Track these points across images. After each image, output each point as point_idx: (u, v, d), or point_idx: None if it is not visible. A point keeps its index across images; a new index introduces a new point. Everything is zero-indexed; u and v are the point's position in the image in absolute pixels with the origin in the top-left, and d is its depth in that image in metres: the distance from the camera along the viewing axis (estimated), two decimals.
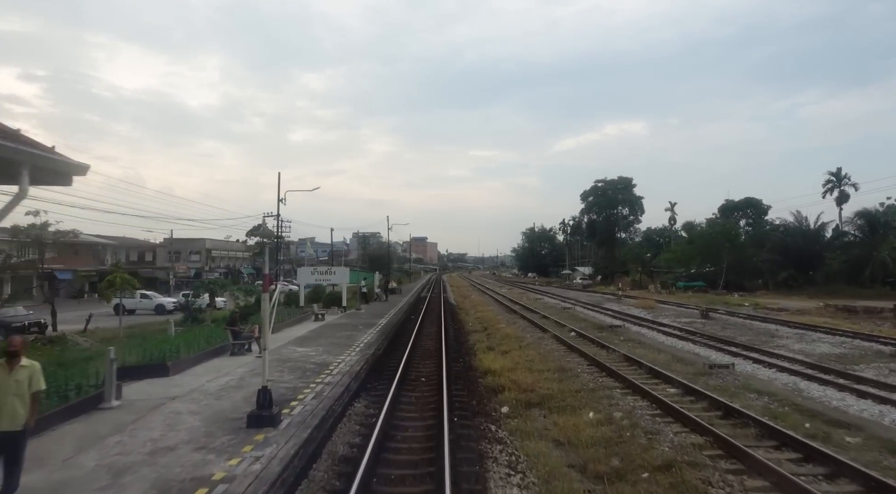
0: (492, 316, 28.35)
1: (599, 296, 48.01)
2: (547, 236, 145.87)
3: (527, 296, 46.99)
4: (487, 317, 28.62)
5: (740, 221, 62.49)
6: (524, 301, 40.59)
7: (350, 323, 24.17)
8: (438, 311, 32.08)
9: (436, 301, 42.08)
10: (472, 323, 26.21)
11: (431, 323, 26.56)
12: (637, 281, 72.27)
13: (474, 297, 46.96)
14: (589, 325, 24.23)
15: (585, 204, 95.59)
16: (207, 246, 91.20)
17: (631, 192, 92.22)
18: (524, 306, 34.92)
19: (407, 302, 38.07)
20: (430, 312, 32.30)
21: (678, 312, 30.99)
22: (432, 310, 33.71)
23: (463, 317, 29.84)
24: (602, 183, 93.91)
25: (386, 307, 33.27)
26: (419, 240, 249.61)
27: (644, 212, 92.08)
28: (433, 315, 30.63)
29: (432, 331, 22.81)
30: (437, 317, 28.44)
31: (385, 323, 23.76)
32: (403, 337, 20.87)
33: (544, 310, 31.79)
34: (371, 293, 37.80)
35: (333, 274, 31.79)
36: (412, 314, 31.03)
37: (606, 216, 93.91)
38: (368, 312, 29.31)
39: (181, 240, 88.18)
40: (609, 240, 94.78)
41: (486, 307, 36.51)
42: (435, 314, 31.03)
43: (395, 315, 28.21)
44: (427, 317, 28.91)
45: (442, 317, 27.05)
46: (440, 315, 29.01)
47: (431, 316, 30.05)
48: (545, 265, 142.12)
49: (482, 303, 39.32)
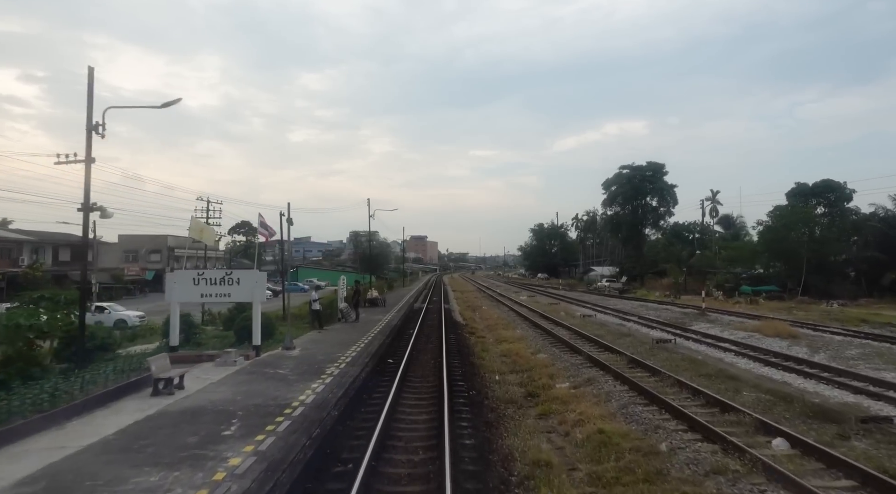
0: (538, 364, 15.46)
1: (664, 310, 35.18)
2: (558, 233, 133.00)
3: (564, 309, 34.07)
4: (526, 360, 15.87)
5: (816, 209, 49.95)
6: (569, 320, 27.77)
7: (224, 408, 9.93)
8: (437, 343, 19.40)
9: (433, 318, 29.45)
10: (504, 386, 13.27)
11: (421, 382, 13.72)
12: (681, 284, 59.43)
13: (488, 310, 34.20)
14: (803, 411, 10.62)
15: (607, 194, 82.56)
16: (170, 243, 78.41)
17: (661, 180, 79.33)
18: (581, 334, 21.89)
19: (388, 322, 25.29)
20: (421, 348, 19.43)
21: (865, 347, 18.02)
22: (426, 342, 20.87)
23: (481, 360, 16.93)
24: (628, 169, 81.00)
25: (347, 336, 20.42)
26: (418, 239, 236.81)
27: (677, 203, 79.19)
28: (426, 356, 17.77)
29: (419, 424, 10.01)
30: (433, 365, 15.67)
31: (312, 403, 10.34)
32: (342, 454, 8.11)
33: (632, 349, 17.66)
34: (332, 311, 24.59)
35: (235, 283, 16.26)
36: (390, 352, 18.17)
37: (633, 208, 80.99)
38: (305, 355, 15.97)
39: (139, 238, 75.46)
40: (635, 236, 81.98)
41: (510, 330, 23.86)
42: (430, 352, 18.22)
43: (355, 359, 15.36)
44: (415, 365, 16.03)
45: (443, 365, 14.25)
46: (439, 353, 16.35)
47: (423, 359, 17.16)
48: (555, 264, 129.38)
49: (503, 323, 26.60)
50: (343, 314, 24.19)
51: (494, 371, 14.89)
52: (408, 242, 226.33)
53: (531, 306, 35.93)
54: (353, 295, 25.60)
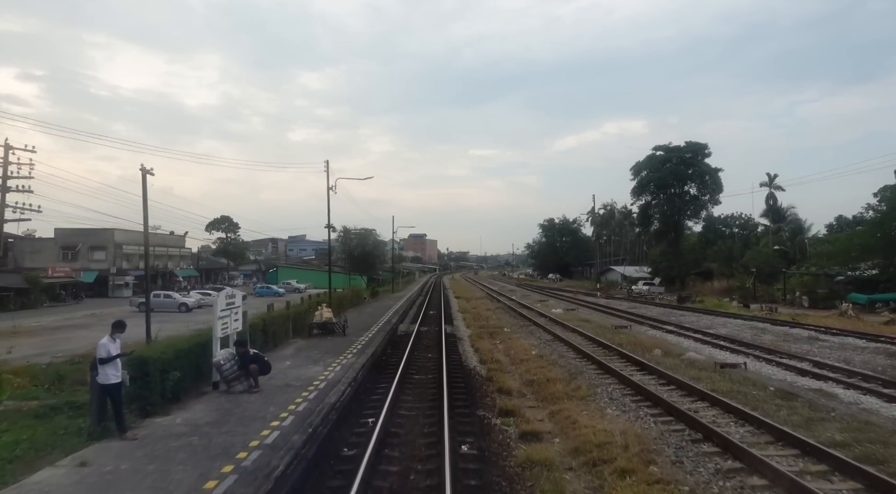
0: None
1: (798, 334, 22.38)
2: (570, 228, 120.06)
3: (647, 340, 20.34)
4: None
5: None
6: (708, 381, 14.57)
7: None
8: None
9: (427, 363, 16.80)
10: None
11: None
12: (748, 289, 46.59)
13: (518, 339, 21.38)
14: None
15: (637, 180, 69.40)
16: (117, 239, 65.41)
17: (703, 163, 66.30)
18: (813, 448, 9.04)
19: (320, 396, 12.37)
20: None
21: None
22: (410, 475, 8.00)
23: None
24: (662, 151, 68.08)
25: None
26: (417, 237, 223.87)
27: (722, 190, 66.13)
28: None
29: None
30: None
31: None
32: None
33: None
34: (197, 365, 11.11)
35: None
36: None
37: (668, 196, 68.03)
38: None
39: (79, 232, 62.26)
40: (672, 230, 69.16)
41: (592, 411, 10.99)
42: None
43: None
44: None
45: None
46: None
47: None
48: (567, 264, 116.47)
49: (560, 379, 13.58)
50: (225, 379, 10.92)
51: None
52: (406, 241, 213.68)
53: (583, 329, 23.01)
54: (240, 349, 11.41)
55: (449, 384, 12.85)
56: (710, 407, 10.82)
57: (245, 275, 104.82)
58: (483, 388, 13.63)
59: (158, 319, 37.45)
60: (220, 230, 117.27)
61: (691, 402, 11.21)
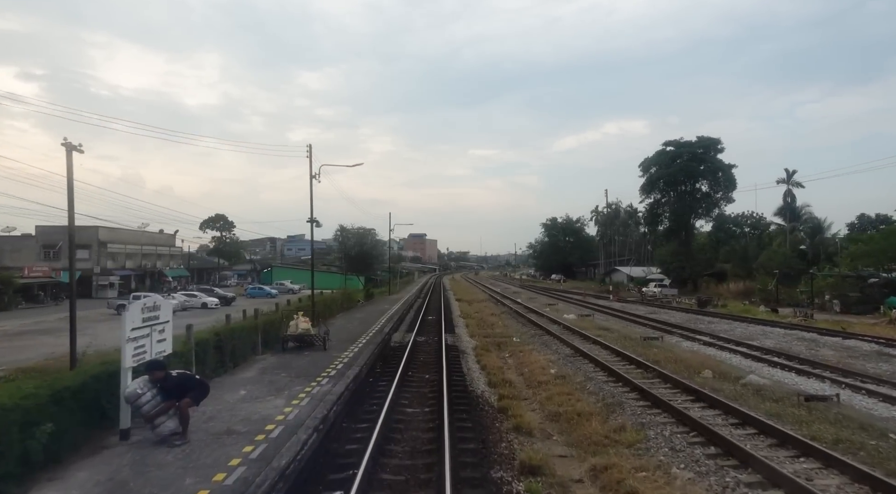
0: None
1: (859, 347, 19.25)
2: (573, 228, 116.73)
3: (689, 356, 16.84)
4: None
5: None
6: (799, 424, 11.46)
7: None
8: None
9: (421, 387, 13.59)
10: None
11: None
12: (770, 291, 43.36)
13: (529, 353, 18.18)
14: None
15: (646, 177, 66.10)
16: (101, 237, 62.20)
17: (716, 159, 63.07)
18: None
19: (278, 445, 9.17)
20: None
21: None
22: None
23: None
24: (672, 146, 64.85)
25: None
26: (417, 237, 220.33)
27: (736, 188, 62.87)
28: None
29: None
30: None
31: None
32: None
33: None
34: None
35: None
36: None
37: (679, 194, 64.80)
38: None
39: (61, 229, 58.83)
40: (682, 229, 65.99)
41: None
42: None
43: None
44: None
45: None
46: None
47: None
48: (571, 264, 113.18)
49: (610, 429, 10.36)
50: (147, 417, 7.79)
51: None
52: (406, 240, 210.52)
53: (605, 341, 19.80)
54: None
55: (452, 424, 9.65)
56: (824, 468, 7.60)
57: (239, 275, 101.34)
58: (495, 426, 10.43)
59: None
60: (214, 229, 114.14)
61: (793, 459, 7.99)
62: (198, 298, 47.75)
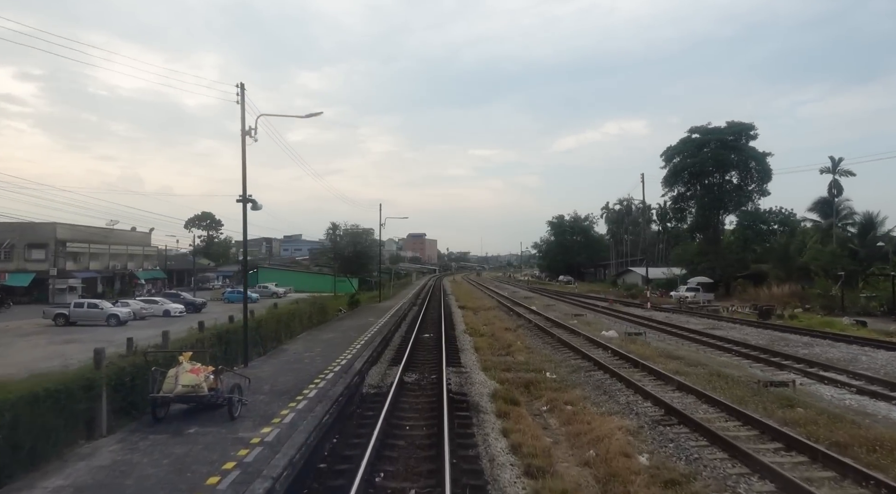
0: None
1: None
2: (581, 227, 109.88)
3: (878, 420, 10.41)
4: None
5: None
6: None
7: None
8: None
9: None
10: None
11: None
12: (834, 297, 36.55)
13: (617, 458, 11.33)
14: None
15: (670, 167, 59.28)
16: (60, 235, 55.37)
17: (748, 147, 56.36)
18: None
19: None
20: None
21: None
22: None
23: None
24: (699, 133, 58.10)
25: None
26: (417, 237, 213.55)
27: (771, 179, 56.08)
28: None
29: None
30: None
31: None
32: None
33: None
34: None
35: None
36: None
37: (705, 186, 58.07)
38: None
39: (11, 226, 51.85)
40: (710, 225, 59.32)
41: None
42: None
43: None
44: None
45: None
46: None
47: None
48: (579, 264, 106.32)
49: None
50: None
51: None
52: (405, 240, 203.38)
53: (698, 386, 13.03)
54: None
55: None
56: None
57: (226, 277, 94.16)
58: None
59: (76, 336, 27.37)
60: (200, 227, 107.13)
61: None
62: (159, 305, 41.07)
